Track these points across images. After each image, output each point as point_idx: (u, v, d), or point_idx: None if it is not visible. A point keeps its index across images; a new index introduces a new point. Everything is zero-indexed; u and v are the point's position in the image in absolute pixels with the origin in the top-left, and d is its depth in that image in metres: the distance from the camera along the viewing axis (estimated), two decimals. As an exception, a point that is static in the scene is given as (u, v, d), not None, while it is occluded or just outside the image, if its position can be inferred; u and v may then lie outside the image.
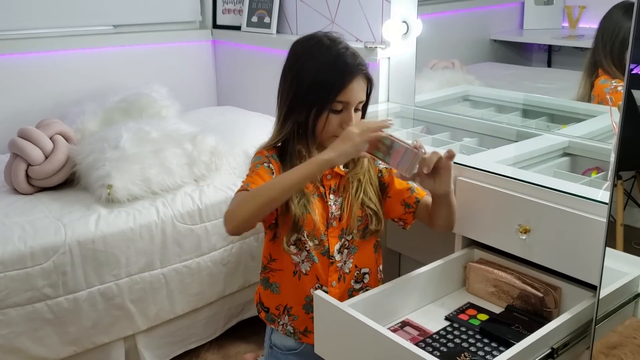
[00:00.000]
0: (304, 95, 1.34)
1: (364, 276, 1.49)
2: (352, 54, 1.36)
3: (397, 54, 2.27)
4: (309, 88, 1.34)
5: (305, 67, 1.36)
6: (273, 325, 1.47)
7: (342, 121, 1.35)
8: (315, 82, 1.33)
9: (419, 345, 1.28)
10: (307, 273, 1.41)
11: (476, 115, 2.09)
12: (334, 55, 1.34)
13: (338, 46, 1.36)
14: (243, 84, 3.02)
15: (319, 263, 1.41)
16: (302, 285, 1.42)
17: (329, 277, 1.42)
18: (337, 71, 1.32)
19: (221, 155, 2.22)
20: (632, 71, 1.10)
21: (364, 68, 1.35)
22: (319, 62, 1.34)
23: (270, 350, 1.52)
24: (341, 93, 1.32)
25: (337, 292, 1.43)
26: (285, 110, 1.38)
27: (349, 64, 1.33)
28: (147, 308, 1.98)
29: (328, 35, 1.39)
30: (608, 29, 1.75)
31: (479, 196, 1.51)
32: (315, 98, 1.33)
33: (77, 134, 2.22)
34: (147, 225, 1.94)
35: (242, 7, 2.95)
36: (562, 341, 1.23)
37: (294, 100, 1.36)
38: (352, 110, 1.35)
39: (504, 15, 2.23)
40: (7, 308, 1.72)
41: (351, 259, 1.45)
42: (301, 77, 1.35)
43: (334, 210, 1.41)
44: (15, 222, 1.84)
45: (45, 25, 2.63)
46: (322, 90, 1.32)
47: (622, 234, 1.34)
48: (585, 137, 1.75)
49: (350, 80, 1.32)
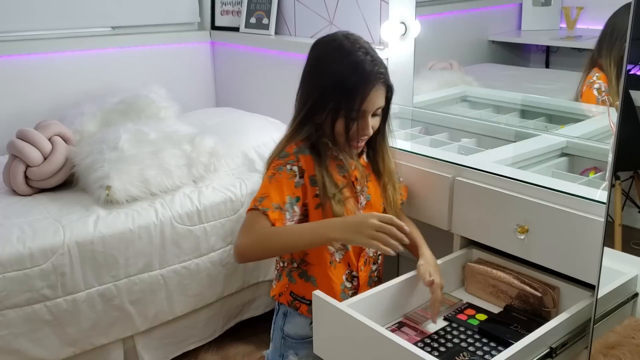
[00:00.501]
0: (325, 101, 1.37)
1: (378, 257, 1.54)
2: (371, 60, 1.37)
3: (396, 55, 2.27)
4: (330, 94, 1.36)
5: (327, 72, 1.38)
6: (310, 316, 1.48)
7: (359, 127, 1.38)
8: (336, 89, 1.35)
9: (417, 345, 1.28)
10: (340, 261, 1.46)
11: (474, 115, 2.10)
12: (354, 63, 1.35)
13: (358, 52, 1.36)
14: (242, 85, 3.02)
15: (351, 250, 1.46)
16: (336, 274, 1.46)
17: (358, 262, 1.48)
18: (357, 79, 1.34)
19: (220, 156, 2.22)
20: (629, 72, 1.10)
21: (382, 76, 1.37)
22: (340, 68, 1.36)
23: (282, 340, 1.53)
24: (359, 102, 1.35)
25: (364, 276, 1.49)
26: (305, 112, 1.41)
27: (368, 72, 1.35)
28: (146, 309, 1.98)
29: (348, 37, 1.40)
30: (617, 25, 1.75)
31: (477, 196, 1.51)
32: (335, 104, 1.36)
33: (76, 135, 2.22)
34: (145, 226, 1.94)
35: (240, 9, 2.96)
36: (561, 341, 1.24)
37: (315, 104, 1.39)
38: (369, 117, 1.38)
39: (501, 16, 2.24)
40: (6, 309, 1.72)
41: None
42: (323, 83, 1.38)
43: (361, 200, 1.46)
44: (14, 223, 1.84)
45: (43, 26, 2.63)
46: (343, 98, 1.35)
47: (620, 234, 1.34)
48: (583, 138, 1.75)
49: (369, 90, 1.35)
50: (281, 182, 1.37)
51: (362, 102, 1.35)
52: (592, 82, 1.77)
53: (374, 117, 1.40)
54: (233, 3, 3.02)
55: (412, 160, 1.70)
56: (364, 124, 1.38)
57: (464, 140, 1.93)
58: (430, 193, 1.65)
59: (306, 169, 1.40)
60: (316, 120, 1.41)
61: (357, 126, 1.37)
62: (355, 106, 1.35)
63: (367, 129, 1.39)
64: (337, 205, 1.38)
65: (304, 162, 1.40)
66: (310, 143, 1.42)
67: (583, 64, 1.84)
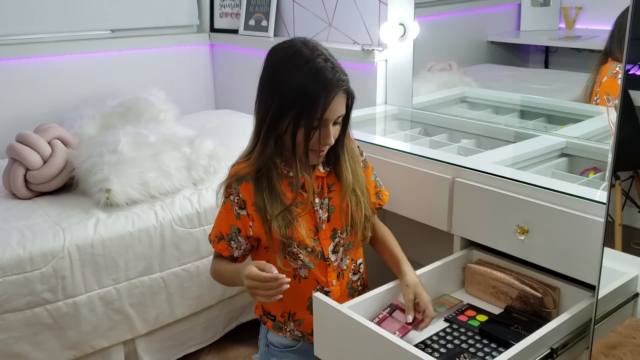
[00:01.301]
0: (285, 111, 1.31)
1: (359, 267, 1.49)
2: (331, 67, 1.30)
3: (395, 56, 2.27)
4: (289, 104, 1.30)
5: (285, 81, 1.31)
6: (281, 333, 1.47)
7: (321, 137, 1.32)
8: (297, 98, 1.29)
9: (418, 346, 1.28)
10: (306, 277, 1.41)
11: (474, 116, 2.10)
12: (314, 70, 1.29)
13: (317, 58, 1.30)
14: (241, 87, 3.02)
15: (315, 267, 1.40)
16: (304, 288, 1.42)
17: (328, 278, 1.43)
18: (317, 88, 1.28)
19: (219, 159, 2.22)
20: (628, 72, 1.10)
21: (343, 83, 1.31)
22: (300, 76, 1.29)
23: (266, 348, 1.52)
24: (321, 111, 1.29)
25: (337, 290, 1.43)
26: (266, 124, 1.35)
27: (329, 80, 1.28)
28: (147, 312, 1.98)
29: (307, 44, 1.33)
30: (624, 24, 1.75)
31: (477, 197, 1.51)
32: (296, 114, 1.29)
33: (75, 138, 2.23)
34: (145, 229, 1.94)
35: (239, 11, 2.96)
36: (562, 341, 1.23)
37: (274, 115, 1.33)
38: (330, 126, 1.32)
39: (500, 16, 2.24)
40: (6, 313, 1.72)
41: (347, 255, 1.44)
42: (282, 92, 1.31)
43: (321, 214, 1.40)
44: (14, 227, 1.84)
45: (43, 30, 2.63)
46: (303, 107, 1.29)
47: (620, 234, 1.34)
48: (582, 138, 1.75)
49: (331, 98, 1.28)
50: (224, 213, 1.40)
51: (324, 110, 1.28)
52: (615, 72, 1.75)
53: (335, 126, 1.34)
54: (232, 5, 3.02)
55: (412, 161, 1.70)
56: (325, 133, 1.31)
57: (464, 141, 1.93)
58: (430, 194, 1.64)
59: (247, 199, 1.36)
60: (277, 131, 1.34)
61: (320, 135, 1.31)
62: (317, 115, 1.28)
63: (328, 138, 1.32)
64: (280, 228, 1.33)
65: (244, 192, 1.36)
66: (261, 161, 1.36)
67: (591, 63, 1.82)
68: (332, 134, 1.33)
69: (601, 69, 1.79)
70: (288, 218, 1.34)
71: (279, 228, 1.33)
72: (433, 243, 1.63)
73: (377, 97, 2.31)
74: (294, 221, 1.34)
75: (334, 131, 1.33)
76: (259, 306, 1.52)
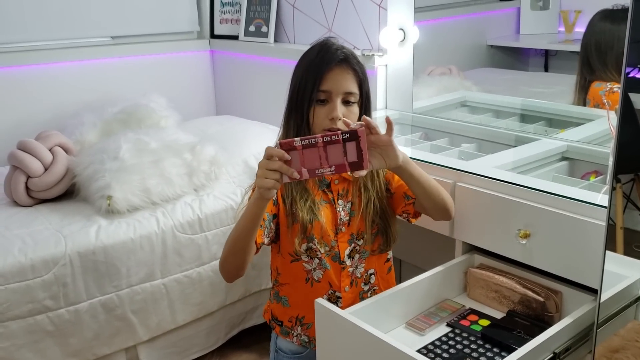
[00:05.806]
0: (297, 95, 1.37)
1: (370, 277, 1.49)
2: (336, 48, 1.37)
3: (395, 61, 2.27)
4: (299, 85, 1.36)
5: (299, 64, 1.40)
6: (288, 338, 1.47)
7: (328, 112, 1.33)
8: (302, 77, 1.36)
9: (420, 351, 1.27)
10: (319, 280, 1.42)
11: (474, 120, 2.10)
12: (318, 49, 1.37)
13: (327, 42, 1.39)
14: (241, 93, 3.02)
15: (331, 269, 1.41)
16: (315, 292, 1.42)
17: (342, 283, 1.43)
18: (318, 60, 1.35)
19: (220, 165, 2.22)
20: (628, 75, 1.10)
21: (343, 54, 1.35)
22: (307, 60, 1.38)
23: (276, 354, 1.53)
24: (322, 81, 1.33)
25: (350, 297, 1.44)
26: (287, 107, 1.41)
27: (328, 53, 1.35)
28: (149, 318, 1.98)
29: (329, 39, 1.41)
30: (595, 34, 1.77)
31: (478, 201, 1.51)
32: (304, 93, 1.35)
33: (76, 145, 2.23)
34: (147, 236, 1.95)
35: (239, 17, 2.96)
36: (564, 345, 1.23)
37: (290, 102, 1.39)
38: (337, 101, 1.33)
39: (500, 20, 2.24)
40: (8, 321, 1.72)
41: (363, 263, 1.45)
42: (295, 74, 1.39)
43: (342, 216, 1.41)
44: (16, 234, 1.84)
45: (43, 37, 2.64)
46: (308, 83, 1.34)
47: (622, 237, 1.34)
48: (583, 141, 1.75)
49: (329, 67, 1.33)
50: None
51: (325, 81, 1.33)
52: (609, 88, 1.77)
53: (349, 106, 1.35)
54: (232, 11, 3.03)
55: (413, 166, 1.70)
56: (331, 107, 1.33)
57: (464, 145, 1.93)
58: (431, 199, 1.64)
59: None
60: (296, 119, 1.38)
61: (326, 110, 1.33)
62: (319, 86, 1.33)
63: (333, 111, 1.32)
64: (306, 211, 1.34)
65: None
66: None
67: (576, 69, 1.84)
68: (340, 111, 1.33)
69: (590, 86, 1.79)
70: (312, 209, 1.37)
71: (302, 211, 1.35)
72: (435, 248, 1.63)
73: (378, 102, 2.32)
74: (318, 215, 1.37)
75: (346, 112, 1.35)
76: (267, 310, 1.53)
